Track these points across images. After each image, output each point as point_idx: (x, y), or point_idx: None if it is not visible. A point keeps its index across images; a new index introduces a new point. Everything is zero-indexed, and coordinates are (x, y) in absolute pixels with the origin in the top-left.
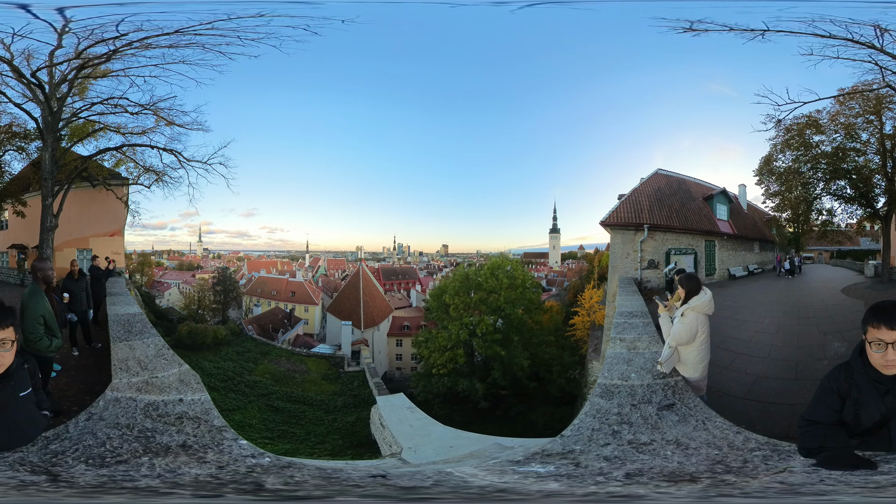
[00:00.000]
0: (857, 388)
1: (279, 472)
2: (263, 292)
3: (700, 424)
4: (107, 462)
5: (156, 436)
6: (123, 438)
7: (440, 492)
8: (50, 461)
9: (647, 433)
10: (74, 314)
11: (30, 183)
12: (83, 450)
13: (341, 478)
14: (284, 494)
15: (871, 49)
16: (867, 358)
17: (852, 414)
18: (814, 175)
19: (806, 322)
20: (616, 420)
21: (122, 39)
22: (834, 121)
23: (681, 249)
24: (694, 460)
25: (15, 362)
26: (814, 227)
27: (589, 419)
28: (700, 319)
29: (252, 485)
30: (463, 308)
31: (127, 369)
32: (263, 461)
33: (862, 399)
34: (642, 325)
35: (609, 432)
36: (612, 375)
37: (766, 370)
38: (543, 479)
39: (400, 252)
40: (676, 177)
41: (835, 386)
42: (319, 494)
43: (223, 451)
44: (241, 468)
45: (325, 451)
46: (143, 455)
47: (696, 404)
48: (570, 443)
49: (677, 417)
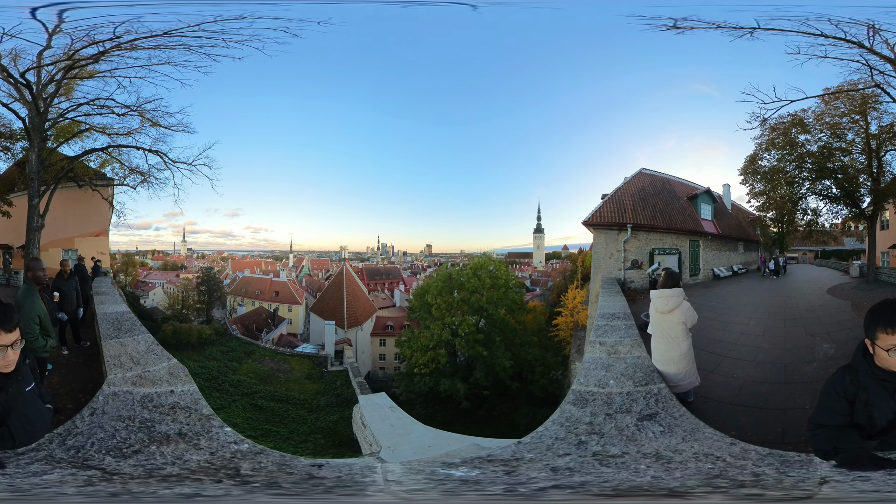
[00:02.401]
0: (864, 390)
1: (252, 458)
2: (247, 292)
3: (688, 435)
4: (125, 453)
5: (155, 425)
6: (129, 430)
7: (340, 483)
8: (77, 456)
9: (619, 445)
10: (65, 313)
11: (15, 183)
12: (98, 443)
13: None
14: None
15: (861, 49)
16: (871, 359)
17: (864, 416)
18: (799, 174)
19: (792, 323)
20: (585, 430)
21: (111, 41)
22: (820, 120)
23: (665, 249)
24: (679, 474)
25: (18, 359)
26: (799, 227)
27: (555, 427)
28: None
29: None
30: (445, 308)
31: (120, 365)
32: (243, 448)
33: (872, 400)
34: (624, 327)
35: (574, 442)
36: (588, 382)
37: (753, 374)
38: (449, 483)
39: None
40: (660, 176)
41: (840, 390)
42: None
43: (212, 437)
44: (227, 454)
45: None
46: (150, 444)
47: (681, 414)
48: (523, 450)
49: (661, 428)
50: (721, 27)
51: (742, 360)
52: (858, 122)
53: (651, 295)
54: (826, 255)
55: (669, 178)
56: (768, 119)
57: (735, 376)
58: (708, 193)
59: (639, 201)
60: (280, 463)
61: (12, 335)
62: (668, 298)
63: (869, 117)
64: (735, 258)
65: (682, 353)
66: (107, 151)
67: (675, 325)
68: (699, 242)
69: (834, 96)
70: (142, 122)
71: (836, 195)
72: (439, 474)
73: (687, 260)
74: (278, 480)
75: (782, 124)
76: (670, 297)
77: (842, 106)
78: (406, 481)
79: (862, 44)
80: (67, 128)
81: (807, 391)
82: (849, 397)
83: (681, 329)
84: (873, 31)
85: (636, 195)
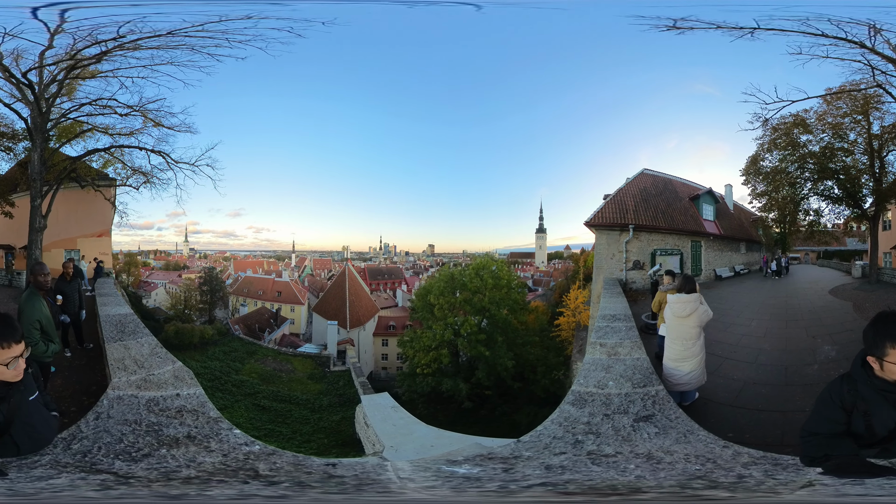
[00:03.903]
0: (863, 399)
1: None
2: (250, 292)
3: (682, 437)
4: (134, 457)
5: (163, 429)
6: (136, 434)
7: (358, 483)
8: (84, 460)
9: (613, 445)
10: (67, 315)
11: (17, 183)
12: (105, 447)
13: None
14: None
15: (862, 48)
16: (870, 369)
17: (862, 425)
18: (801, 175)
19: (794, 325)
20: (583, 430)
21: (114, 41)
22: (821, 120)
23: (666, 250)
24: (662, 475)
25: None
26: (801, 228)
27: (553, 427)
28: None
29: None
30: (447, 308)
31: (125, 368)
32: (254, 448)
33: (872, 410)
34: (625, 329)
35: (571, 441)
36: (587, 383)
37: (754, 376)
38: (453, 480)
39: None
40: (662, 177)
41: (837, 399)
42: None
43: (222, 440)
44: (240, 455)
45: (310, 450)
46: (160, 448)
47: (677, 416)
48: (521, 448)
49: (656, 430)
50: (721, 27)
51: (743, 362)
52: (860, 123)
53: (668, 299)
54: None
55: (671, 178)
56: (770, 119)
57: (735, 378)
58: (710, 194)
59: (641, 202)
60: (295, 463)
61: (19, 347)
62: (686, 304)
63: (871, 117)
64: (737, 259)
65: (696, 353)
66: (109, 152)
67: (691, 329)
68: (701, 243)
69: (836, 96)
70: (144, 122)
71: (838, 196)
72: (444, 471)
73: (689, 260)
74: (301, 479)
75: (784, 125)
76: (688, 302)
77: (843, 106)
78: (416, 478)
79: (863, 44)
80: (70, 128)
81: (807, 393)
82: (846, 407)
83: (696, 331)
84: (874, 31)
85: (638, 196)
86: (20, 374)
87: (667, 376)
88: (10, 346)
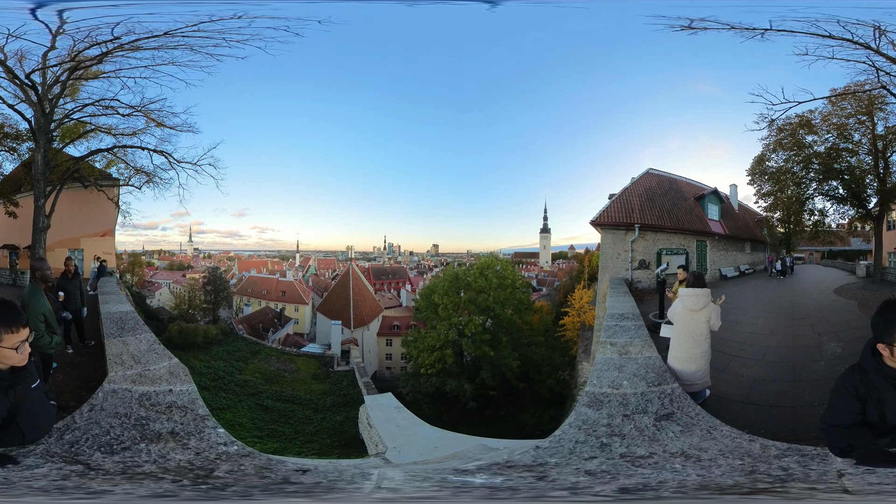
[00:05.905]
0: (875, 388)
1: (234, 461)
2: (254, 292)
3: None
4: (114, 449)
5: (149, 423)
6: (123, 427)
7: (355, 489)
8: (71, 451)
9: (643, 446)
10: (69, 312)
11: (21, 183)
12: (92, 438)
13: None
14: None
15: (867, 50)
16: (880, 358)
17: (876, 414)
18: (806, 175)
19: (800, 323)
20: (605, 432)
21: (114, 42)
22: (826, 121)
23: (672, 249)
24: (717, 472)
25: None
26: (806, 228)
27: (573, 430)
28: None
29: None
30: (452, 308)
31: (122, 363)
32: (231, 449)
33: (883, 398)
34: (634, 327)
35: (596, 445)
36: (601, 383)
37: (762, 372)
38: (472, 490)
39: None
40: (668, 176)
41: (850, 389)
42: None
43: (202, 438)
44: (212, 455)
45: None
46: (141, 441)
47: (697, 413)
48: (544, 455)
49: (679, 427)
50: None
51: (751, 360)
52: (865, 123)
53: (680, 293)
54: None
55: (676, 178)
56: (776, 120)
57: (744, 375)
58: (715, 194)
59: (646, 201)
60: (264, 466)
61: (25, 331)
62: (699, 297)
63: (875, 118)
64: (742, 258)
65: (702, 352)
66: (112, 152)
67: (701, 324)
68: (706, 243)
69: (841, 97)
70: (146, 122)
71: (842, 196)
72: (453, 481)
73: (694, 260)
74: (252, 483)
75: (790, 125)
76: (701, 295)
77: (848, 107)
78: (407, 489)
79: (868, 45)
80: (73, 128)
81: (816, 389)
82: (860, 396)
83: (705, 328)
84: (879, 32)
85: (643, 195)
86: (26, 358)
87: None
88: (17, 331)
